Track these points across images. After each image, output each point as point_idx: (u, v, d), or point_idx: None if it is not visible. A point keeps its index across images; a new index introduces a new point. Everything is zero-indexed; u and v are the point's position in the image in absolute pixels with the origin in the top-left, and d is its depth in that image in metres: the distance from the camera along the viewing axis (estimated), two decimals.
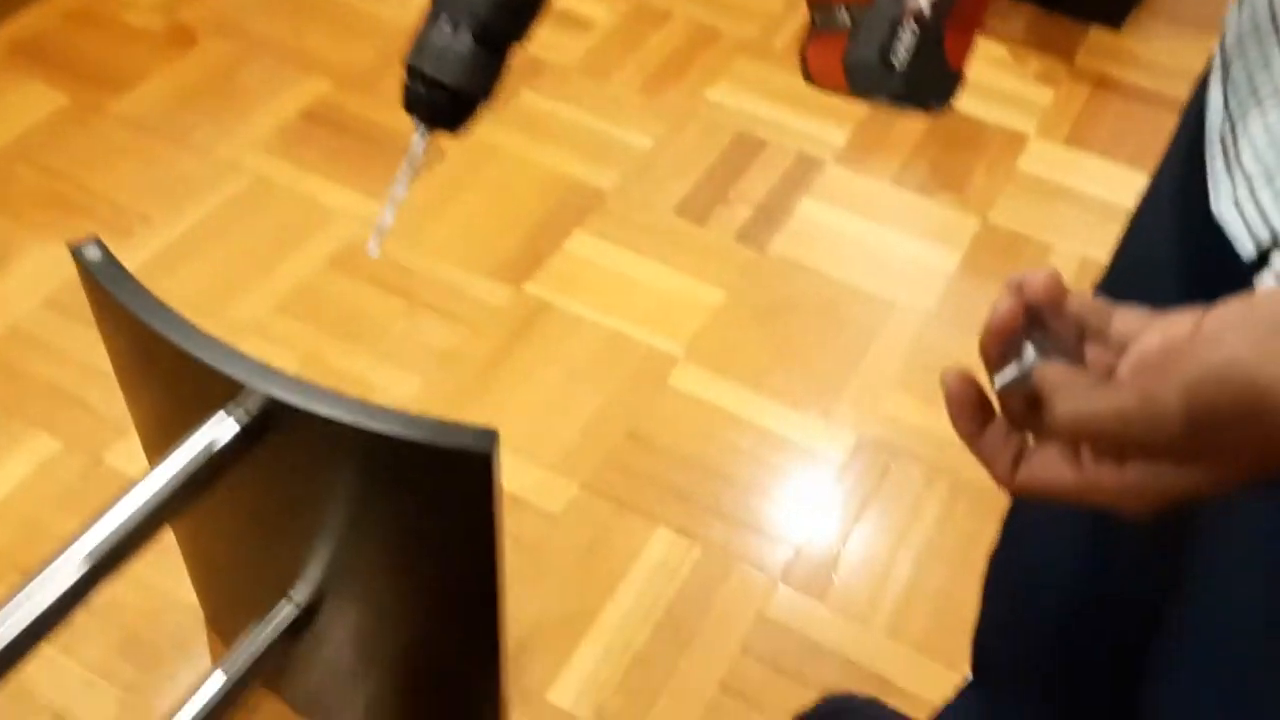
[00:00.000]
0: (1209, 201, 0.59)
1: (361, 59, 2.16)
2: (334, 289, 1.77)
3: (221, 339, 0.81)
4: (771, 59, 2.24)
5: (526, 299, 1.77)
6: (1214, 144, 0.60)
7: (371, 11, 2.28)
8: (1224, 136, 0.59)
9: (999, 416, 0.49)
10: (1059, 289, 0.47)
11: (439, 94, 0.73)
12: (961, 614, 1.09)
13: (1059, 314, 0.48)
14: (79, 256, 0.85)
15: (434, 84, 0.72)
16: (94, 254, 0.86)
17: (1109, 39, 2.36)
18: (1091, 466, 0.45)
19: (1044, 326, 0.47)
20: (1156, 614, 0.74)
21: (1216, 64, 0.63)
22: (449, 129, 0.75)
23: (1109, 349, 0.47)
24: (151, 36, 2.18)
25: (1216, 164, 0.60)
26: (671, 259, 1.85)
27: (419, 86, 0.73)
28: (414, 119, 0.74)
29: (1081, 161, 2.09)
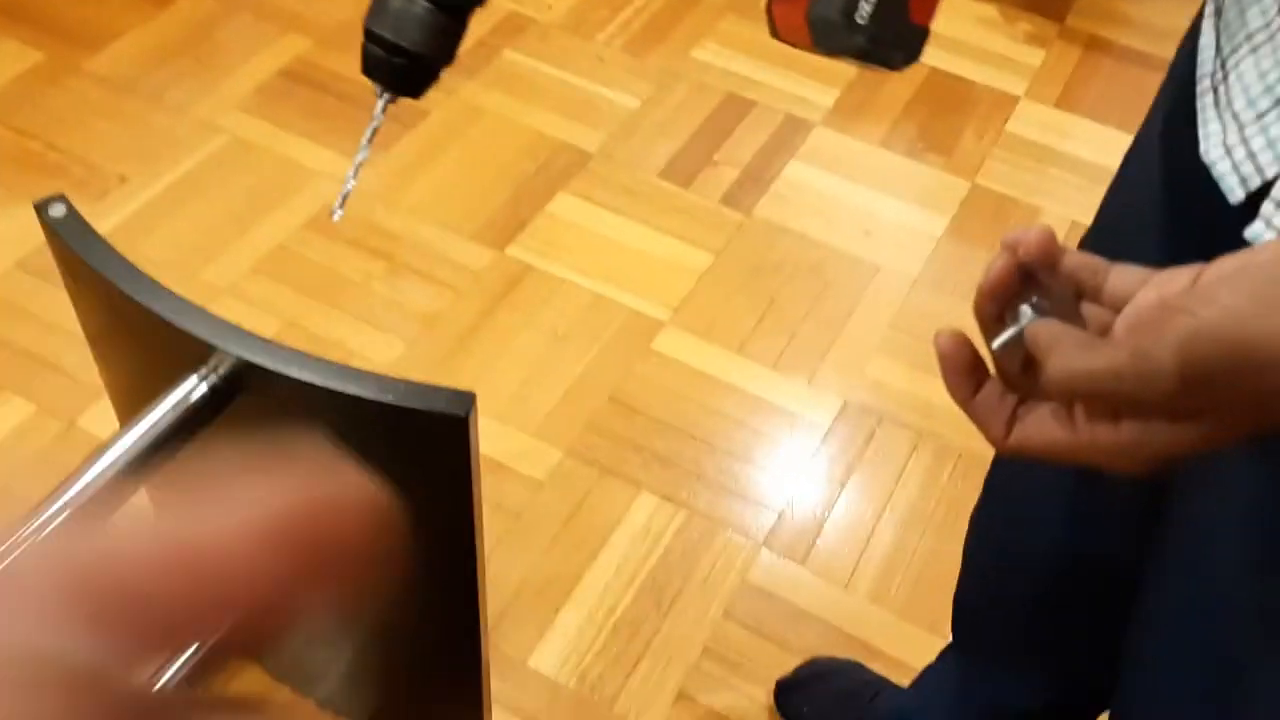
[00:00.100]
0: (1195, 151, 0.59)
1: (341, 16, 2.12)
2: (313, 251, 1.74)
3: (195, 301, 0.79)
4: (758, 18, 2.20)
5: (509, 262, 1.75)
6: (1204, 87, 0.60)
7: None
8: (1215, 80, 0.59)
9: (992, 378, 0.49)
10: (1053, 245, 0.47)
11: (398, 59, 0.72)
12: (945, 579, 1.08)
13: (1055, 273, 0.47)
14: (43, 214, 0.83)
15: (393, 48, 0.71)
16: (59, 211, 0.83)
17: (1101, 0, 2.33)
18: (1085, 426, 0.45)
19: (1041, 287, 0.47)
20: (1137, 570, 0.74)
21: (1209, 8, 0.62)
22: (410, 94, 0.74)
23: (1107, 307, 0.46)
24: None
25: (1207, 108, 0.59)
26: (656, 222, 1.83)
27: (378, 51, 0.72)
28: (374, 84, 0.74)
29: (1072, 124, 2.07)
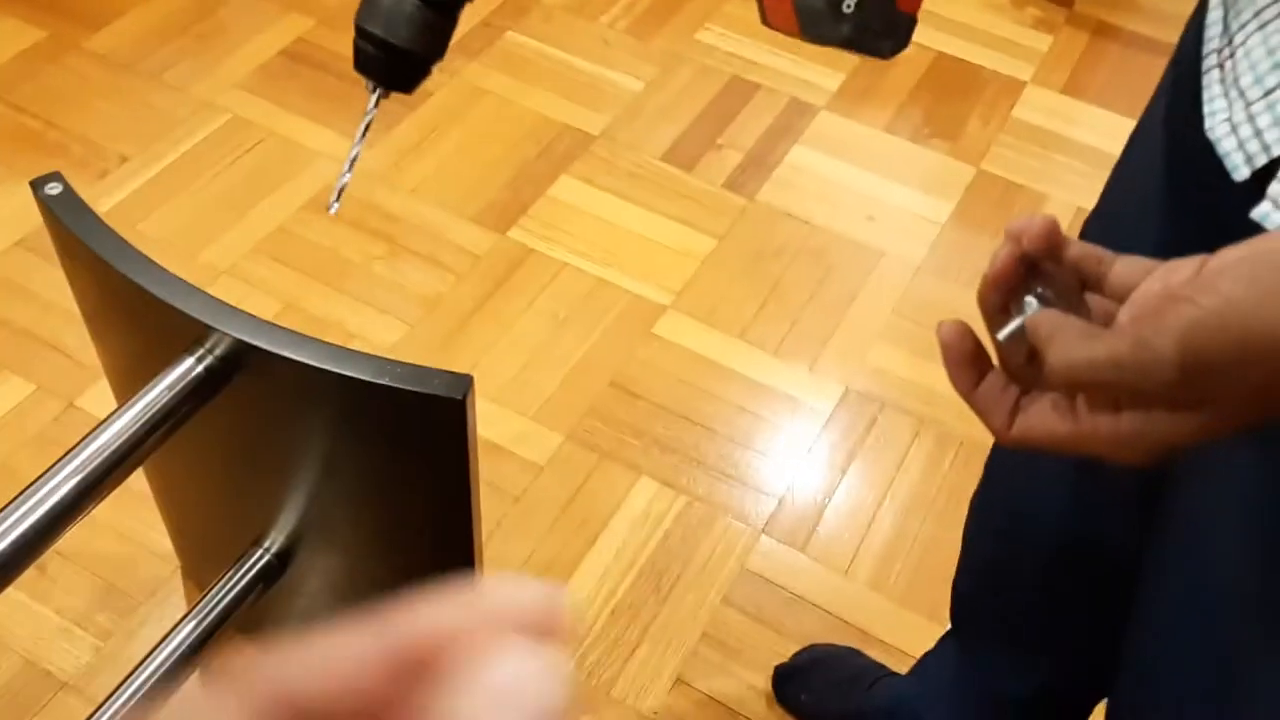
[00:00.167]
0: (1199, 134, 0.58)
1: None
2: (314, 232, 1.74)
3: (195, 281, 0.79)
4: None
5: (511, 245, 1.74)
6: (1210, 64, 0.60)
7: None
8: (1221, 56, 0.58)
9: (995, 369, 0.49)
10: (1056, 235, 0.46)
11: (390, 55, 0.72)
12: (945, 567, 1.08)
13: (1059, 263, 0.47)
14: (39, 192, 0.82)
15: (384, 45, 0.72)
16: (55, 189, 0.83)
17: None
18: (1087, 417, 0.45)
19: (1045, 277, 0.46)
20: (1136, 557, 0.74)
21: None
22: (402, 89, 0.75)
23: (1111, 298, 0.46)
24: None
25: (1212, 84, 0.59)
26: (659, 206, 1.82)
27: (369, 47, 0.72)
28: (366, 79, 0.74)
29: (1079, 110, 2.05)
